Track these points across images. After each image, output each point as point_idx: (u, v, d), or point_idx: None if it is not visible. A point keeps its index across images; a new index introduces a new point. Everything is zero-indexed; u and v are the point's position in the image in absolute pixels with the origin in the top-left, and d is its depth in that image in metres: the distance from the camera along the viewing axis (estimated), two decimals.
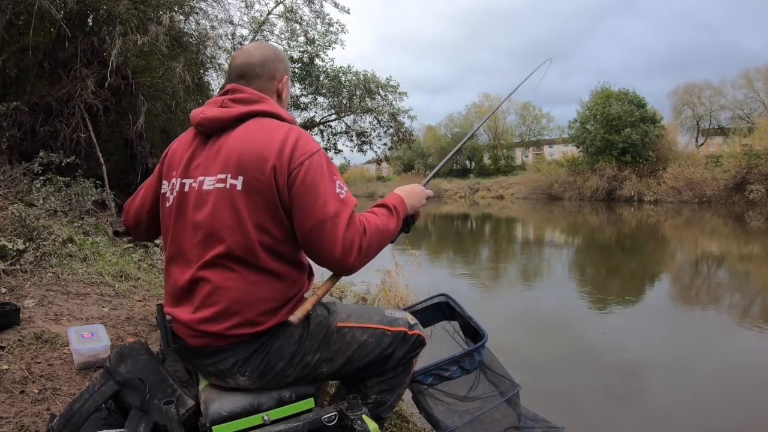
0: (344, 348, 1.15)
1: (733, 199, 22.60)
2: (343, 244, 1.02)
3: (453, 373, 1.53)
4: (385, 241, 1.13)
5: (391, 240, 1.18)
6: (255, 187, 1.01)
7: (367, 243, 1.06)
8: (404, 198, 1.25)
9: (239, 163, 1.01)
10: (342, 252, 1.02)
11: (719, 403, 2.82)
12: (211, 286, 1.03)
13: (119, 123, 8.09)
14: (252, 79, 1.15)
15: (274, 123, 1.07)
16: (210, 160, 1.06)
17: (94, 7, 6.93)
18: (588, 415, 2.66)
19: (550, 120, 46.83)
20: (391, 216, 1.17)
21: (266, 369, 1.07)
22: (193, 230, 1.05)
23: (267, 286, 1.05)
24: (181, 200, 1.08)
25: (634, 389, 3.00)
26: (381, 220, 1.13)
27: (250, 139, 1.03)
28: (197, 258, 1.04)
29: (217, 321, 1.03)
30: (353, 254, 1.03)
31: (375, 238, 1.08)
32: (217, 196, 1.02)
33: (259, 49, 1.21)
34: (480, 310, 4.28)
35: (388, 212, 1.17)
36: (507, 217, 20.53)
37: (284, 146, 1.01)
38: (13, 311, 2.20)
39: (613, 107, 27.71)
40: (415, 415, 2.02)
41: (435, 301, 1.83)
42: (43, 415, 1.57)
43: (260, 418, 1.07)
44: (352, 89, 13.95)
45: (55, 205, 4.66)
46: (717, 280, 6.95)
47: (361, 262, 1.06)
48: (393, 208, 1.18)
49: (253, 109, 1.08)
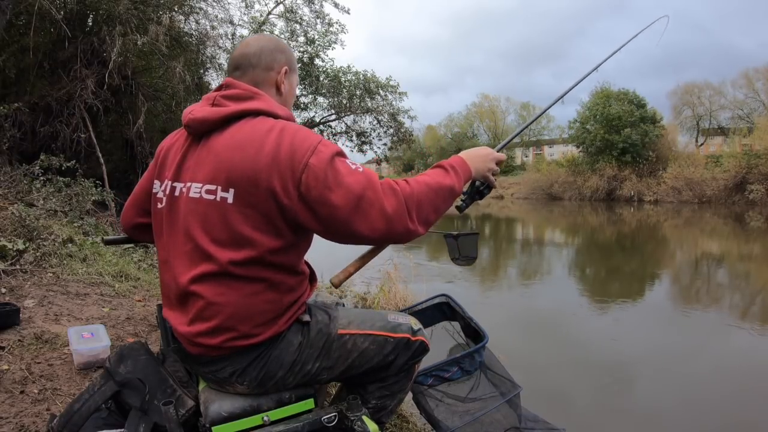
0: (345, 356, 1.12)
1: (733, 199, 22.60)
2: (388, 213, 0.95)
3: (454, 374, 1.53)
4: (440, 198, 1.05)
5: (451, 200, 1.09)
6: (248, 201, 0.94)
7: (416, 201, 0.99)
8: (466, 159, 1.17)
9: (229, 176, 0.95)
10: (390, 221, 0.96)
11: (720, 403, 2.82)
12: (204, 301, 0.98)
13: (119, 123, 8.10)
14: (247, 70, 1.09)
15: (265, 125, 0.98)
16: (198, 164, 1.00)
17: (94, 7, 6.93)
18: (589, 417, 2.65)
19: (550, 120, 46.85)
20: (446, 173, 1.09)
21: (265, 378, 1.06)
22: (183, 239, 1.01)
23: (263, 297, 1.00)
24: (172, 204, 1.04)
25: (636, 391, 3.00)
26: (430, 177, 1.06)
27: (241, 147, 0.96)
28: (188, 269, 1.00)
29: (213, 335, 1.00)
30: (405, 217, 0.97)
31: (424, 195, 1.01)
32: (207, 208, 0.97)
33: (259, 39, 1.15)
34: (480, 311, 4.28)
35: (441, 170, 1.10)
36: (507, 217, 20.53)
37: (279, 154, 0.93)
38: (13, 311, 2.20)
39: (613, 107, 27.73)
40: (415, 415, 2.02)
41: (436, 301, 1.83)
42: (43, 415, 1.57)
43: (260, 419, 1.07)
44: (352, 89, 13.97)
45: (55, 205, 4.66)
46: (718, 280, 6.95)
47: (419, 220, 1.00)
48: (448, 167, 1.11)
49: (244, 108, 1.01)
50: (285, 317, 1.05)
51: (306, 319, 1.10)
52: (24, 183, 4.92)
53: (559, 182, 30.41)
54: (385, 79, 14.42)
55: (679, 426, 2.57)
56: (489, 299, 5.55)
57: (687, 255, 9.66)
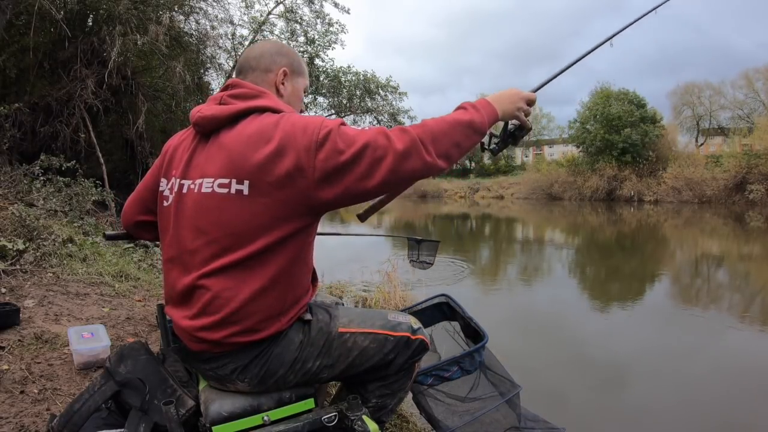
0: (345, 354, 1.13)
1: (733, 199, 22.60)
2: (400, 150, 0.94)
3: (453, 374, 1.53)
4: (457, 132, 1.02)
5: (474, 135, 1.06)
6: (264, 190, 0.96)
7: (431, 135, 0.98)
8: (491, 101, 1.14)
9: (243, 168, 0.97)
10: (404, 157, 0.95)
11: (722, 402, 2.81)
12: (211, 294, 0.99)
13: (119, 123, 8.10)
14: (247, 73, 1.14)
15: (271, 119, 1.01)
16: (209, 161, 1.02)
17: (94, 7, 6.93)
18: (589, 417, 2.65)
19: (550, 120, 46.92)
20: (465, 111, 1.07)
21: (266, 376, 1.06)
22: (194, 235, 1.02)
23: (270, 293, 1.01)
24: (180, 202, 1.05)
25: (637, 390, 2.99)
26: (448, 115, 1.04)
27: (252, 140, 0.98)
28: (199, 264, 1.01)
29: (217, 329, 1.00)
30: (420, 151, 0.96)
31: (439, 129, 0.99)
32: (221, 202, 0.98)
33: (263, 44, 1.21)
34: (479, 311, 4.28)
35: (460, 109, 1.08)
36: (507, 217, 20.53)
37: (293, 136, 0.96)
38: (13, 311, 2.20)
39: (613, 107, 27.72)
40: (415, 415, 2.01)
41: (435, 301, 1.83)
42: (43, 415, 1.57)
43: (260, 419, 1.07)
44: (352, 89, 13.99)
45: (55, 205, 4.67)
46: (718, 280, 6.95)
47: (437, 153, 0.98)
48: (468, 105, 1.09)
49: (250, 105, 1.04)
50: (288, 315, 1.06)
51: (308, 317, 1.11)
52: (24, 183, 4.92)
53: (559, 182, 30.41)
54: (385, 79, 14.44)
55: (680, 425, 2.56)
56: (489, 299, 5.54)
57: (687, 255, 9.66)
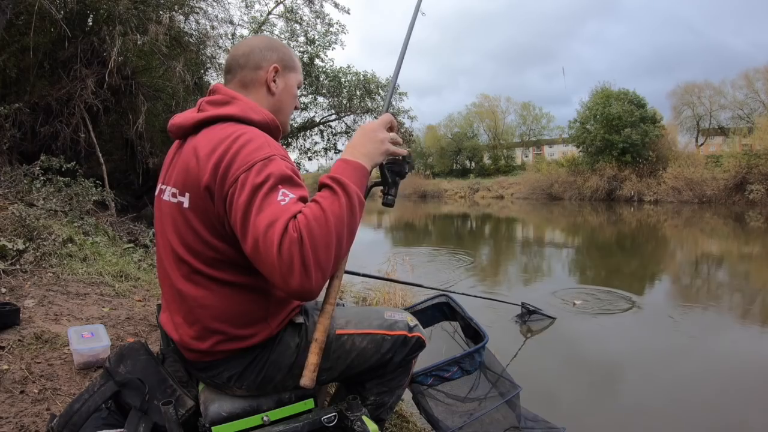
0: (344, 356, 1.13)
1: (733, 199, 22.58)
2: (280, 265, 0.80)
3: (453, 374, 1.53)
4: (338, 233, 0.85)
5: (355, 219, 0.90)
6: (199, 205, 0.94)
7: (312, 252, 0.81)
8: (351, 156, 0.98)
9: (185, 180, 0.96)
10: (282, 275, 0.80)
11: (723, 401, 2.81)
12: (189, 303, 1.00)
13: (119, 123, 8.09)
14: (236, 72, 1.09)
15: (227, 131, 0.94)
16: (174, 169, 1.04)
17: (94, 7, 6.93)
18: (588, 416, 2.65)
19: (550, 120, 46.85)
20: (335, 196, 0.88)
21: (264, 382, 1.06)
22: (164, 241, 1.04)
23: (242, 298, 0.99)
24: (159, 207, 1.08)
25: (637, 390, 2.99)
26: (322, 208, 0.85)
27: (197, 152, 0.95)
28: (172, 271, 1.02)
29: (201, 340, 1.01)
30: (296, 274, 0.80)
31: (320, 240, 0.82)
32: (173, 211, 1.00)
33: (250, 40, 1.15)
34: (479, 311, 4.28)
35: (329, 193, 0.90)
36: (507, 217, 20.52)
37: (221, 162, 0.89)
38: (13, 311, 2.20)
39: (613, 107, 27.71)
40: (415, 415, 2.01)
41: (436, 301, 1.83)
42: (43, 415, 1.56)
43: (260, 419, 1.07)
44: (352, 89, 13.97)
45: (55, 205, 4.66)
46: (718, 280, 6.95)
47: (315, 277, 0.82)
48: (334, 182, 0.91)
49: (218, 113, 0.99)
50: (277, 319, 1.05)
51: (299, 321, 1.09)
52: (24, 183, 4.92)
53: (559, 182, 30.40)
54: (385, 79, 14.42)
55: (680, 425, 2.56)
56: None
57: (686, 255, 9.66)
